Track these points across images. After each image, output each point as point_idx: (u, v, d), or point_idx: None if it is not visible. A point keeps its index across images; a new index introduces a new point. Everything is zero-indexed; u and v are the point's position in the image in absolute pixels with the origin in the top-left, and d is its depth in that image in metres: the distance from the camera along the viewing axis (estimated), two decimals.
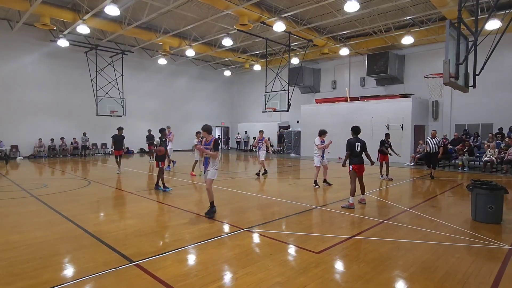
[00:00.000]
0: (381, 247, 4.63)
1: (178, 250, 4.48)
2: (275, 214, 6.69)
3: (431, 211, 6.85)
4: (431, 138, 11.11)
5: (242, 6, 13.71)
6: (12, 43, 18.20)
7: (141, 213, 6.52)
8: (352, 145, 7.03)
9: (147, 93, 24.34)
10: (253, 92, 28.17)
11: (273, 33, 17.76)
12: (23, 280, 3.55)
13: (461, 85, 6.16)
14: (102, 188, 9.57)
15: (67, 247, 4.63)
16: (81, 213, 6.46)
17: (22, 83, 18.79)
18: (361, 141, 7.10)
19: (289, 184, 10.86)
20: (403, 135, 16.92)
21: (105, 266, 3.89)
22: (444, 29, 12.68)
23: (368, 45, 19.24)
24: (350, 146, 7.02)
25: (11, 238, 4.94)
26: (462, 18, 5.97)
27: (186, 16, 16.05)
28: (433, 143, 11.00)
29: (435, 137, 11.06)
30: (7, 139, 18.21)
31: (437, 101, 17.88)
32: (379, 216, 6.37)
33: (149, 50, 23.45)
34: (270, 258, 4.18)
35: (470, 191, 6.09)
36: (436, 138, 11.07)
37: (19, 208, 6.93)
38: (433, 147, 10.99)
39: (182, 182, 10.50)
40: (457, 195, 8.86)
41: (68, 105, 20.49)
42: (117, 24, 16.83)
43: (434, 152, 11.05)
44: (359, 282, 3.56)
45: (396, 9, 15.14)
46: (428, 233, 5.32)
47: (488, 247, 4.69)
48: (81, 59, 19.82)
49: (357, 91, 21.36)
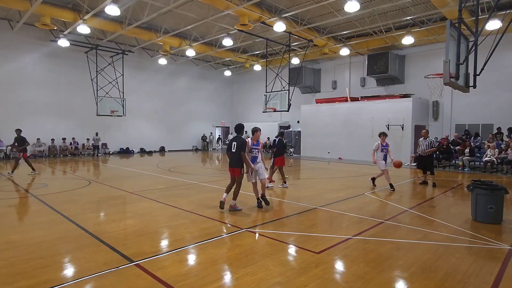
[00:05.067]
0: (381, 247, 4.63)
1: (178, 250, 4.48)
2: (275, 214, 6.69)
3: (431, 211, 6.85)
4: (423, 139, 10.01)
5: (243, 6, 13.70)
6: (12, 43, 18.19)
7: (141, 213, 6.52)
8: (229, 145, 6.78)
9: (147, 93, 24.35)
10: (253, 92, 28.17)
11: (273, 33, 17.75)
12: (23, 280, 3.56)
13: (461, 85, 6.15)
14: (102, 188, 9.58)
15: (67, 247, 4.63)
16: (81, 213, 6.46)
17: (23, 83, 18.79)
18: (237, 141, 6.65)
19: (290, 184, 10.85)
20: (403, 135, 16.92)
21: (105, 266, 3.89)
22: (445, 29, 12.69)
23: (368, 45, 19.23)
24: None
25: (11, 238, 4.94)
26: (463, 18, 5.96)
27: (187, 16, 16.05)
28: (424, 145, 9.90)
29: (427, 138, 9.99)
30: (7, 139, 18.20)
31: (438, 101, 17.87)
32: (379, 216, 6.37)
33: (150, 50, 23.46)
34: (270, 258, 4.18)
35: (470, 191, 6.09)
36: (428, 139, 10.00)
37: (19, 208, 6.93)
38: (425, 148, 9.89)
39: (182, 182, 10.50)
40: (457, 195, 8.86)
41: (69, 105, 20.49)
42: (118, 24, 16.83)
43: (426, 155, 9.93)
44: (359, 282, 3.56)
45: (397, 9, 15.13)
46: (428, 233, 5.32)
47: (488, 247, 4.69)
48: (81, 59, 19.82)
49: (357, 91, 21.36)
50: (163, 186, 9.73)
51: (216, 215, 6.32)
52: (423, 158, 10.06)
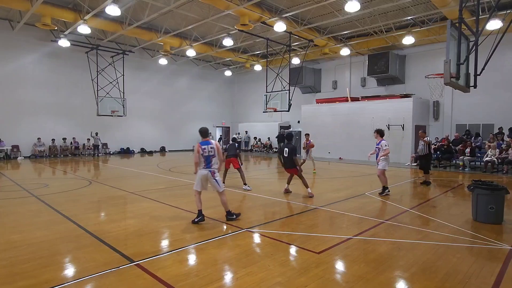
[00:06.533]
0: (381, 247, 4.63)
1: (178, 250, 4.48)
2: (275, 214, 6.69)
3: (432, 212, 6.84)
4: (421, 139, 10.21)
5: (243, 6, 13.71)
6: (13, 43, 18.21)
7: (142, 213, 6.52)
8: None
9: (148, 93, 24.36)
10: (253, 92, 28.16)
11: (273, 33, 17.75)
12: (23, 280, 3.56)
13: (462, 85, 6.15)
14: (103, 188, 9.58)
15: (68, 246, 4.63)
16: (81, 213, 6.47)
17: (23, 83, 18.81)
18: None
19: (291, 183, 10.84)
20: (403, 135, 16.91)
21: (105, 266, 3.89)
22: (445, 29, 12.66)
23: (368, 45, 19.22)
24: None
25: (11, 238, 4.94)
26: (463, 18, 5.96)
27: (187, 16, 16.06)
28: (422, 145, 10.19)
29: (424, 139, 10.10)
30: (8, 139, 18.24)
31: (438, 101, 17.85)
32: (379, 216, 6.36)
33: (150, 50, 23.46)
34: (271, 258, 4.18)
35: (471, 191, 6.08)
36: (426, 138, 10.15)
37: (19, 208, 6.94)
38: (422, 148, 10.16)
39: (183, 182, 10.50)
40: (458, 195, 8.85)
41: (69, 105, 20.51)
42: (118, 24, 16.84)
43: (424, 154, 10.18)
44: (360, 282, 3.56)
45: (397, 9, 15.13)
46: (429, 233, 5.31)
47: (489, 247, 4.68)
48: (82, 59, 19.84)
49: (357, 91, 21.35)
50: (164, 186, 9.73)
51: (216, 215, 6.32)
52: (420, 158, 10.45)
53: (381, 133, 8.64)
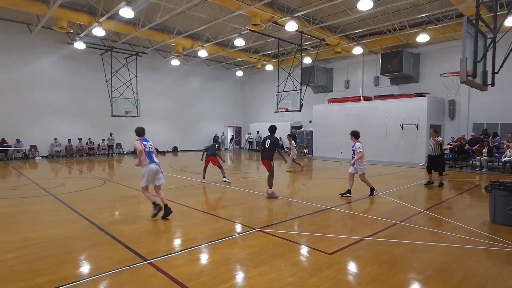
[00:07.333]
0: (395, 249, 4.55)
1: (190, 249, 4.52)
2: (287, 214, 6.67)
3: (447, 213, 6.69)
4: (432, 139, 9.74)
5: (254, 6, 13.71)
6: (31, 46, 18.75)
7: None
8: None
9: (161, 93, 24.66)
10: (265, 92, 28.15)
11: (285, 33, 17.70)
12: (41, 277, 3.65)
13: (479, 84, 6.00)
14: (117, 187, 9.75)
15: (83, 244, 4.73)
16: (96, 212, 6.60)
17: (41, 85, 19.33)
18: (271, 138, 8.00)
19: (302, 184, 10.80)
20: (418, 135, 16.59)
21: (119, 264, 3.95)
22: (461, 26, 12.37)
23: (382, 43, 18.95)
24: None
25: (29, 236, 5.08)
26: (480, 14, 5.80)
27: (199, 17, 16.18)
28: (433, 144, 9.67)
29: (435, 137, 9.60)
30: (26, 139, 18.78)
31: (454, 100, 17.44)
32: (393, 217, 6.26)
33: (163, 51, 23.74)
34: (282, 259, 4.17)
35: (488, 193, 5.92)
36: (438, 138, 9.65)
37: (37, 206, 7.13)
38: (434, 148, 9.65)
39: (194, 182, 10.58)
40: (474, 196, 8.63)
41: (84, 106, 20.97)
42: (132, 26, 17.12)
43: (436, 155, 9.69)
44: (373, 284, 3.51)
45: (411, 7, 14.85)
46: (444, 235, 5.20)
47: (508, 250, 4.54)
48: (96, 60, 20.24)
49: (370, 90, 21.06)
50: (175, 186, 9.83)
51: (227, 214, 6.34)
52: (432, 158, 9.91)
53: (356, 135, 8.48)
